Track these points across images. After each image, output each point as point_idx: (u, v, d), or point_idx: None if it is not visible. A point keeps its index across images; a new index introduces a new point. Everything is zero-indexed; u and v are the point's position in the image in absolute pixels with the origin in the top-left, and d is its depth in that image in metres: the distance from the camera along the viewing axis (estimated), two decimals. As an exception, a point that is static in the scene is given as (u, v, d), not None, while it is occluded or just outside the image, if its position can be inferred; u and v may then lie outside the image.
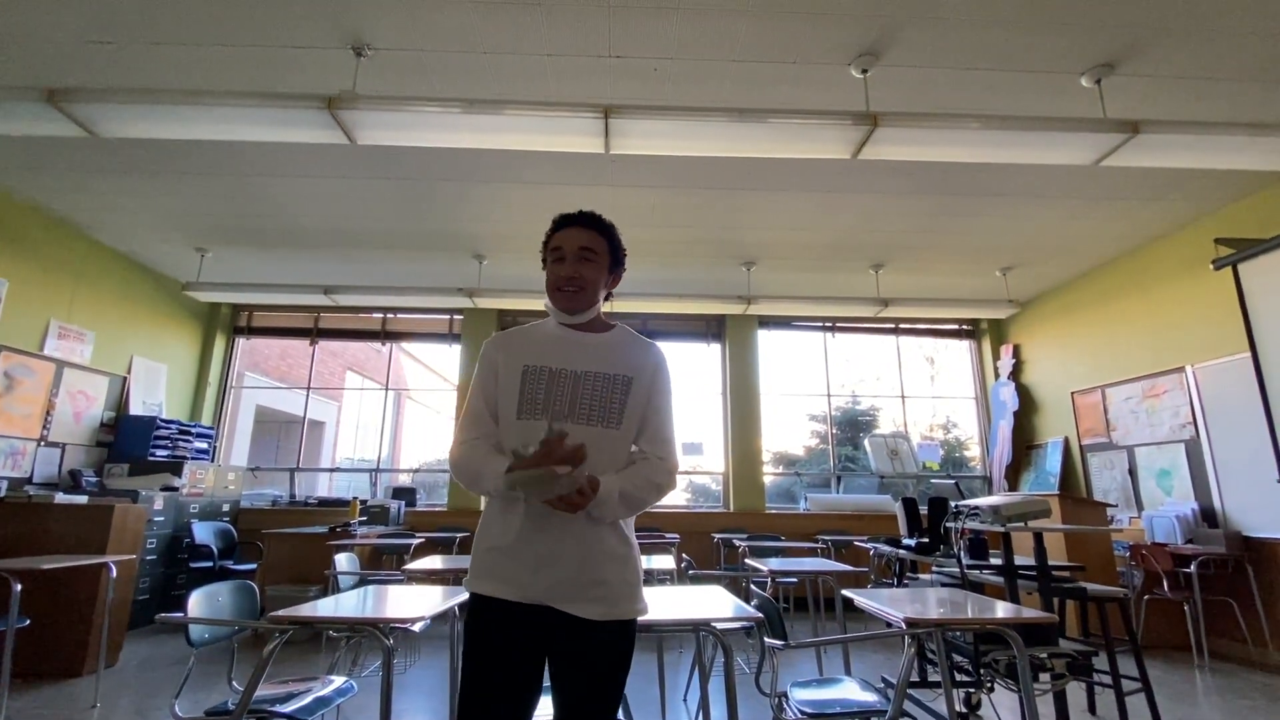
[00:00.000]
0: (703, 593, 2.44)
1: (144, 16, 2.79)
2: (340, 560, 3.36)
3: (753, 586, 2.83)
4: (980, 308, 6.25)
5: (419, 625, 1.93)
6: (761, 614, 2.05)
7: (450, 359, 7.03)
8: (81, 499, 3.96)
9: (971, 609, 2.15)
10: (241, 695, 1.76)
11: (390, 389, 7.28)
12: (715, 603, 2.22)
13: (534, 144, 3.10)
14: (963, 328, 7.19)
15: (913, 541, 3.55)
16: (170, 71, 3.13)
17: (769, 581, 3.75)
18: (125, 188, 4.36)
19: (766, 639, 2.02)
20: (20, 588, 2.83)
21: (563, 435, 1.21)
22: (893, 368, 7.14)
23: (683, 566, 4.20)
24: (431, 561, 3.53)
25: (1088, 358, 5.64)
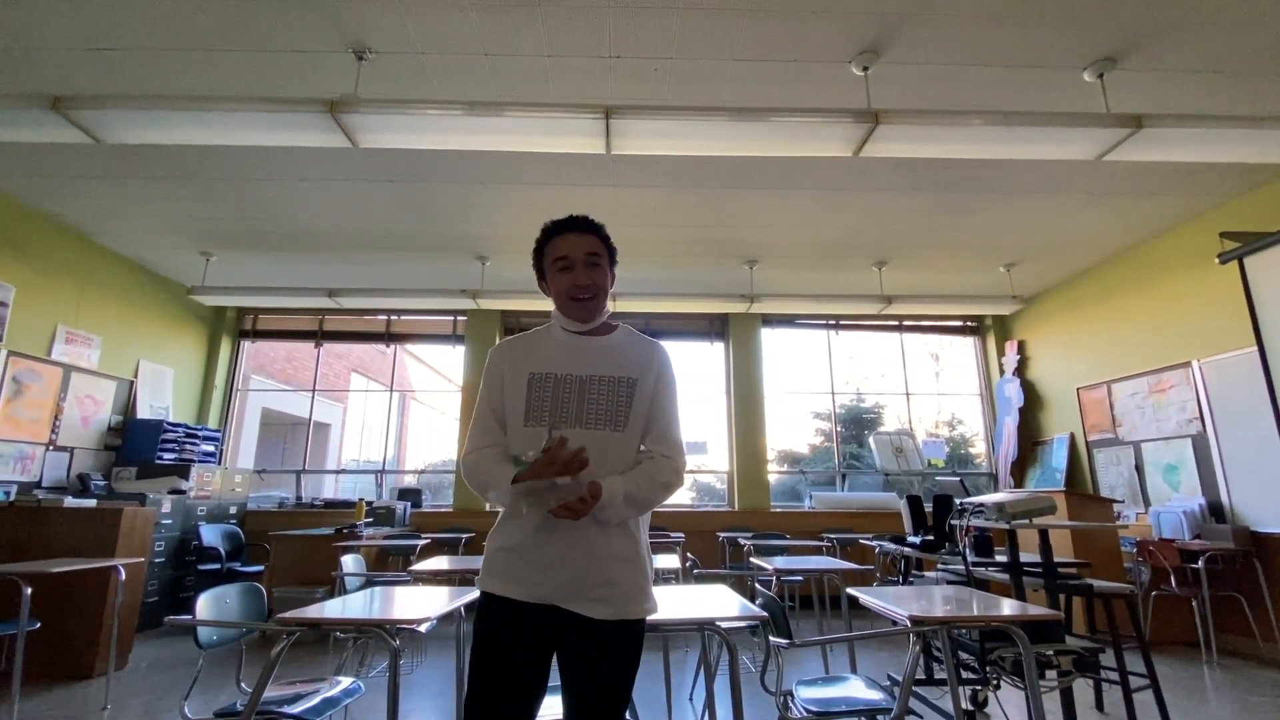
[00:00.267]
0: (707, 592, 2.44)
1: (147, 24, 2.81)
2: (347, 562, 3.38)
3: (757, 585, 2.84)
4: (984, 304, 6.23)
5: (425, 626, 1.94)
6: (766, 613, 2.05)
7: (454, 360, 7.05)
8: (90, 502, 3.99)
9: (976, 606, 2.15)
10: (250, 696, 1.77)
11: (395, 390, 7.31)
12: (720, 602, 2.23)
13: (535, 145, 3.11)
14: (967, 324, 7.18)
15: (917, 539, 3.54)
16: (173, 78, 3.15)
17: (774, 580, 3.75)
18: (130, 193, 4.39)
19: (771, 638, 2.02)
20: (30, 591, 2.85)
21: (564, 440, 1.22)
22: (897, 365, 7.13)
23: (687, 565, 4.20)
24: (437, 562, 3.53)
25: (1093, 353, 5.62)
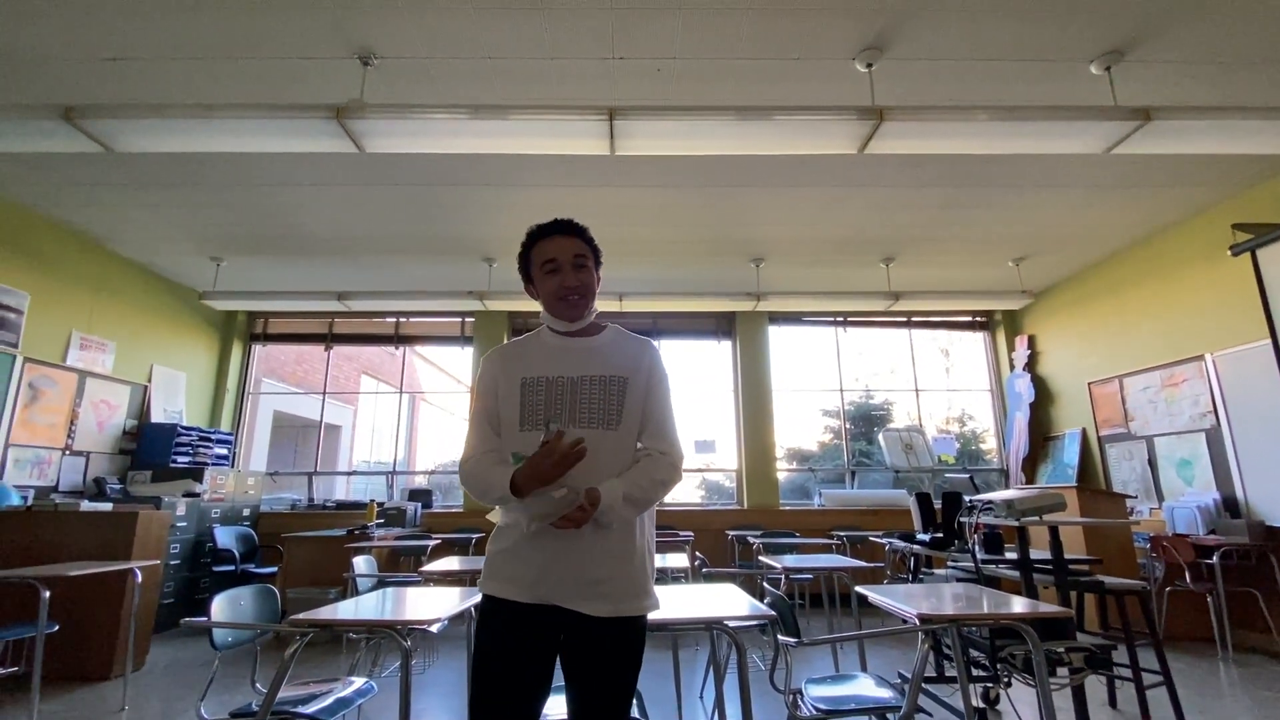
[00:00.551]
0: (716, 590, 2.45)
1: (156, 34, 2.84)
2: (359, 563, 3.41)
3: (765, 584, 2.84)
4: (993, 299, 6.19)
5: (437, 626, 1.96)
6: (774, 611, 2.06)
7: (463, 361, 7.09)
8: (106, 506, 4.03)
9: (986, 604, 2.14)
10: (265, 697, 1.79)
11: (404, 392, 7.36)
12: (728, 601, 2.23)
13: (540, 147, 3.12)
14: (976, 319, 7.13)
15: (926, 537, 3.53)
16: (182, 86, 3.19)
17: (782, 578, 3.75)
18: (141, 200, 4.44)
19: (779, 636, 2.03)
20: (49, 594, 2.90)
21: (560, 432, 1.24)
22: (906, 361, 7.10)
23: (696, 564, 4.21)
24: (448, 563, 3.56)
25: (1104, 347, 5.57)
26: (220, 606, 2.11)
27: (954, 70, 3.12)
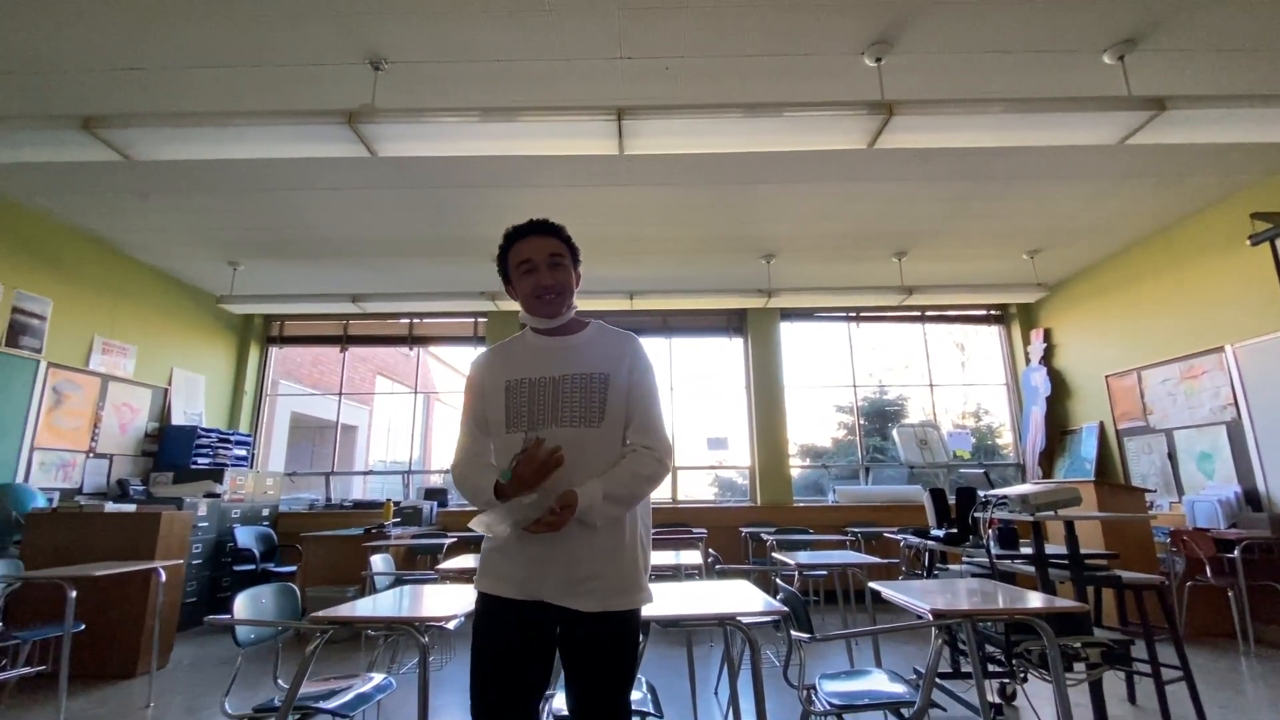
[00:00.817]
0: (729, 587, 2.46)
1: (171, 44, 2.89)
2: (376, 561, 3.45)
3: (779, 580, 2.85)
4: (1008, 292, 6.13)
5: (453, 623, 1.99)
6: (788, 607, 2.07)
7: (476, 361, 7.12)
8: (130, 507, 4.11)
9: (1001, 599, 2.13)
10: (287, 692, 1.83)
11: (419, 392, 7.43)
12: (741, 597, 2.24)
13: (549, 148, 3.14)
14: (991, 313, 7.07)
15: (941, 532, 3.52)
16: (198, 94, 3.24)
17: (795, 575, 3.74)
18: (160, 207, 4.51)
19: (793, 632, 2.04)
20: (75, 594, 2.96)
21: (539, 440, 1.29)
22: (920, 356, 7.05)
23: (710, 561, 4.21)
24: (464, 560, 3.60)
25: (1121, 340, 5.50)
26: (243, 604, 2.15)
27: (964, 63, 3.10)
